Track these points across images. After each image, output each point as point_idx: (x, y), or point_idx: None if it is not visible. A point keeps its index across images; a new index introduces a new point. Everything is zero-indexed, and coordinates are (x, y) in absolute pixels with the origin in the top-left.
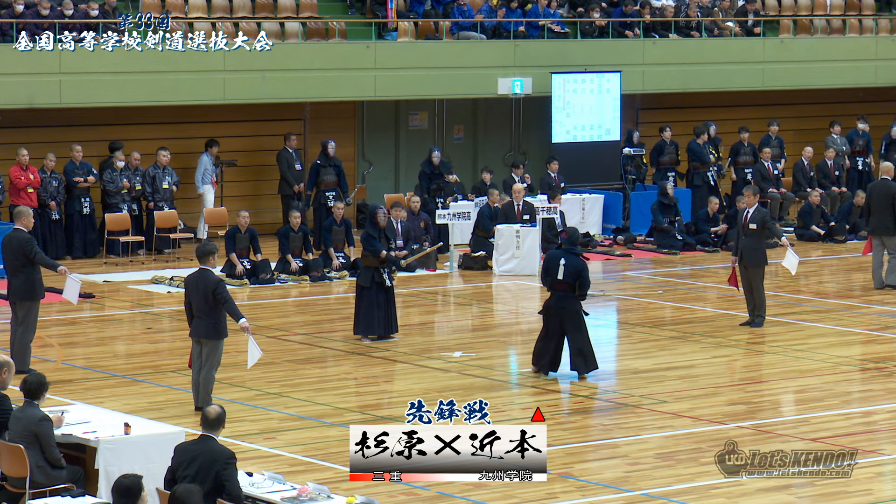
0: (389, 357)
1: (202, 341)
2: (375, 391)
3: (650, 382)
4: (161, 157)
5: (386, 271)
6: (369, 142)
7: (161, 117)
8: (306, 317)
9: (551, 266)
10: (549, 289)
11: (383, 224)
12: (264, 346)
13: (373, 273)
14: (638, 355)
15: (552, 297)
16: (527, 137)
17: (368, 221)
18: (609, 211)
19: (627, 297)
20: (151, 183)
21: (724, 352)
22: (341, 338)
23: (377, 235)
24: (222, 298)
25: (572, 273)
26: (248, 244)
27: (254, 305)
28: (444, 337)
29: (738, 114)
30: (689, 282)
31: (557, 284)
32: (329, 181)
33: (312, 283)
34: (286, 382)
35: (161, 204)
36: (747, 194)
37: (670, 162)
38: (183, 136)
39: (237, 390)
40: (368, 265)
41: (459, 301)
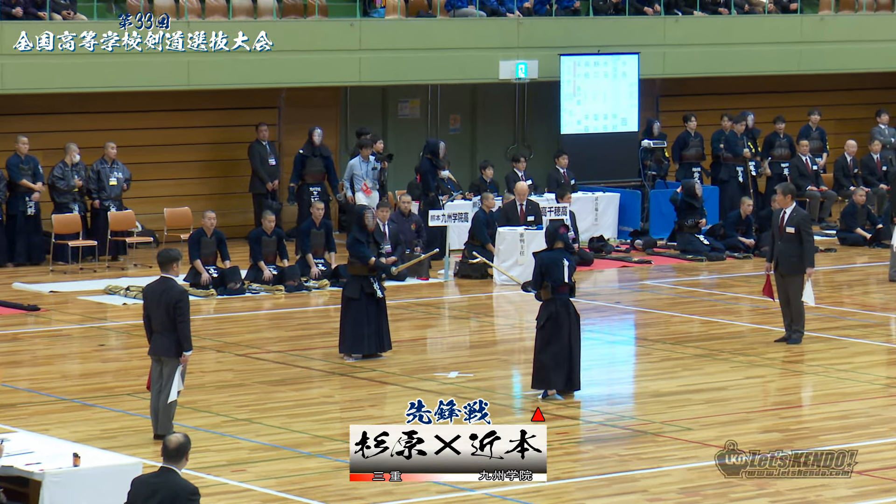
0: (376, 378)
1: (163, 360)
2: (360, 417)
3: (673, 407)
4: (109, 150)
5: (376, 280)
6: (354, 133)
7: (115, 105)
8: (281, 332)
9: (553, 267)
10: (551, 292)
11: (371, 227)
12: (233, 365)
13: (361, 283)
14: (659, 376)
15: (554, 302)
16: (532, 128)
17: (355, 224)
18: (626, 212)
19: (647, 309)
20: (96, 179)
21: (758, 372)
22: (321, 356)
23: (365, 240)
24: (180, 314)
25: (573, 272)
26: (216, 249)
27: (221, 319)
28: (438, 355)
29: (772, 101)
30: (717, 292)
31: (562, 287)
32: (316, 174)
33: (288, 293)
34: (258, 407)
35: (107, 203)
36: (779, 193)
37: (695, 156)
38: (140, 126)
39: (202, 416)
40: (356, 274)
41: (455, 314)
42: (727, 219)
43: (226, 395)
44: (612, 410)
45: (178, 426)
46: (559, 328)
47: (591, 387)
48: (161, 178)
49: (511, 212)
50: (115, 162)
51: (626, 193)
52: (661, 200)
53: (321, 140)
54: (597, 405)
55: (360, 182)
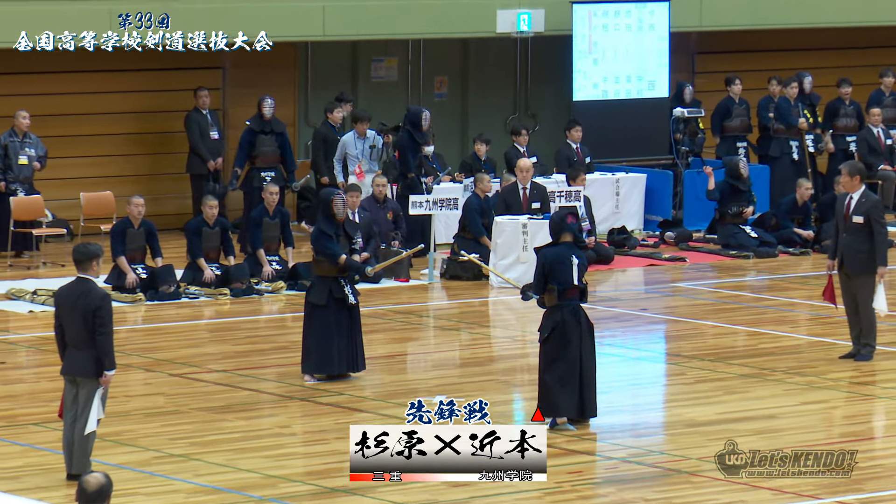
0: (343, 404)
1: (78, 381)
2: (324, 452)
3: (712, 440)
4: (20, 120)
5: (347, 283)
6: (316, 100)
7: (25, 66)
8: (226, 346)
9: (559, 266)
10: (556, 297)
11: (341, 217)
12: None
13: (329, 286)
14: (695, 401)
15: (560, 309)
16: (537, 94)
17: (321, 213)
18: (654, 197)
19: (680, 318)
20: (3, 156)
21: (818, 396)
22: (275, 376)
23: (333, 233)
24: (101, 326)
25: (584, 272)
26: (144, 244)
27: (151, 330)
28: (421, 375)
29: (834, 60)
30: (767, 297)
31: (570, 290)
32: (268, 155)
33: (234, 298)
34: (197, 439)
35: (14, 187)
36: (845, 174)
37: (740, 128)
38: (51, 91)
39: (128, 450)
40: (322, 275)
41: (442, 324)
42: (780, 205)
43: (157, 424)
44: (636, 444)
45: (98, 464)
46: (567, 342)
47: (611, 414)
48: (77, 155)
49: (511, 197)
50: (28, 135)
51: (654, 174)
52: (698, 183)
53: (273, 112)
54: (618, 437)
55: (354, 163)
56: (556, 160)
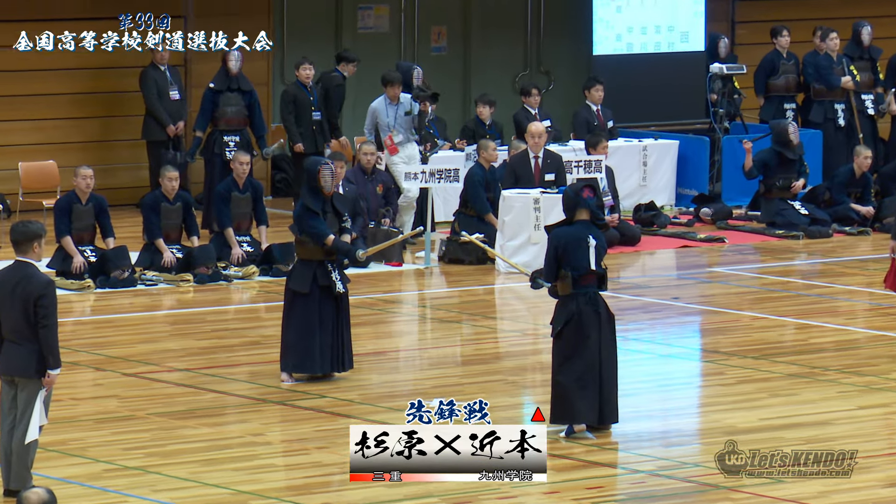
0: (326, 408)
1: (17, 382)
2: (304, 464)
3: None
4: None
5: (335, 269)
6: (293, 53)
7: None
8: (189, 341)
9: (573, 248)
10: (571, 285)
11: (329, 190)
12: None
13: (314, 271)
14: (735, 405)
15: (576, 299)
16: (551, 47)
17: (305, 186)
18: (687, 167)
19: (718, 308)
20: None
21: (879, 399)
22: (247, 376)
23: (319, 209)
24: (43, 317)
25: (603, 254)
26: (93, 222)
27: (101, 323)
28: (415, 375)
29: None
30: (819, 283)
31: (585, 277)
32: (233, 116)
33: (199, 285)
34: (155, 449)
35: None
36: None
37: (787, 86)
38: None
39: (75, 462)
40: (306, 258)
41: (441, 315)
42: (834, 177)
43: (108, 432)
44: (667, 454)
45: (40, 478)
46: (584, 336)
47: (637, 420)
48: (14, 118)
49: (521, 168)
50: None
51: (688, 141)
52: (739, 150)
53: (241, 66)
54: (645, 447)
55: (385, 134)
56: (574, 124)
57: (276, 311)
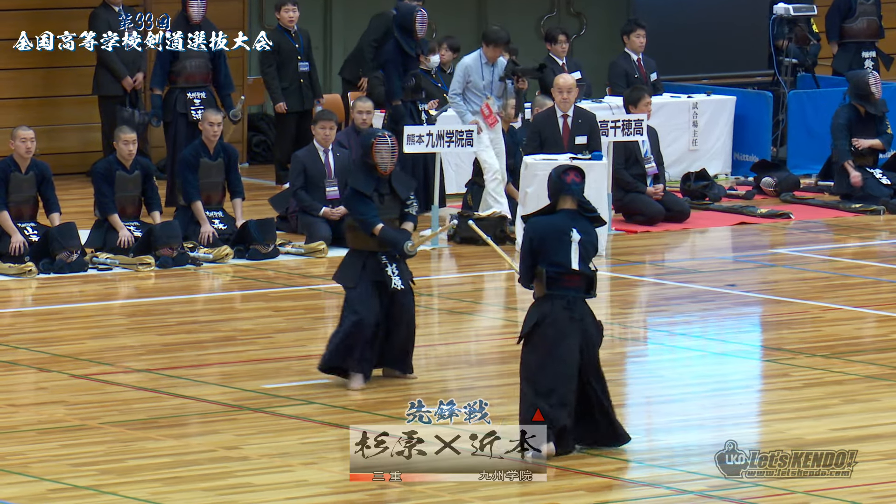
0: (313, 416)
1: None
2: (287, 483)
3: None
4: None
5: (391, 262)
6: None
7: None
8: (150, 337)
9: (551, 243)
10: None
11: (387, 169)
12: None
13: (364, 262)
14: (803, 412)
15: (550, 301)
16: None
17: (357, 162)
18: (746, 129)
19: (782, 297)
20: None
21: None
22: (219, 378)
23: (371, 192)
24: None
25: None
26: (35, 194)
27: (45, 314)
28: (421, 375)
29: None
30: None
31: (568, 277)
32: (196, 71)
33: (161, 269)
34: (110, 465)
35: None
36: None
37: (866, 31)
38: None
39: (15, 479)
40: (357, 247)
41: (450, 306)
42: None
43: (55, 444)
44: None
45: None
46: (554, 344)
47: (685, 431)
48: None
49: (547, 129)
50: None
51: (747, 97)
52: (808, 108)
53: (204, 12)
54: (694, 463)
55: (479, 99)
56: (610, 77)
57: (253, 301)
